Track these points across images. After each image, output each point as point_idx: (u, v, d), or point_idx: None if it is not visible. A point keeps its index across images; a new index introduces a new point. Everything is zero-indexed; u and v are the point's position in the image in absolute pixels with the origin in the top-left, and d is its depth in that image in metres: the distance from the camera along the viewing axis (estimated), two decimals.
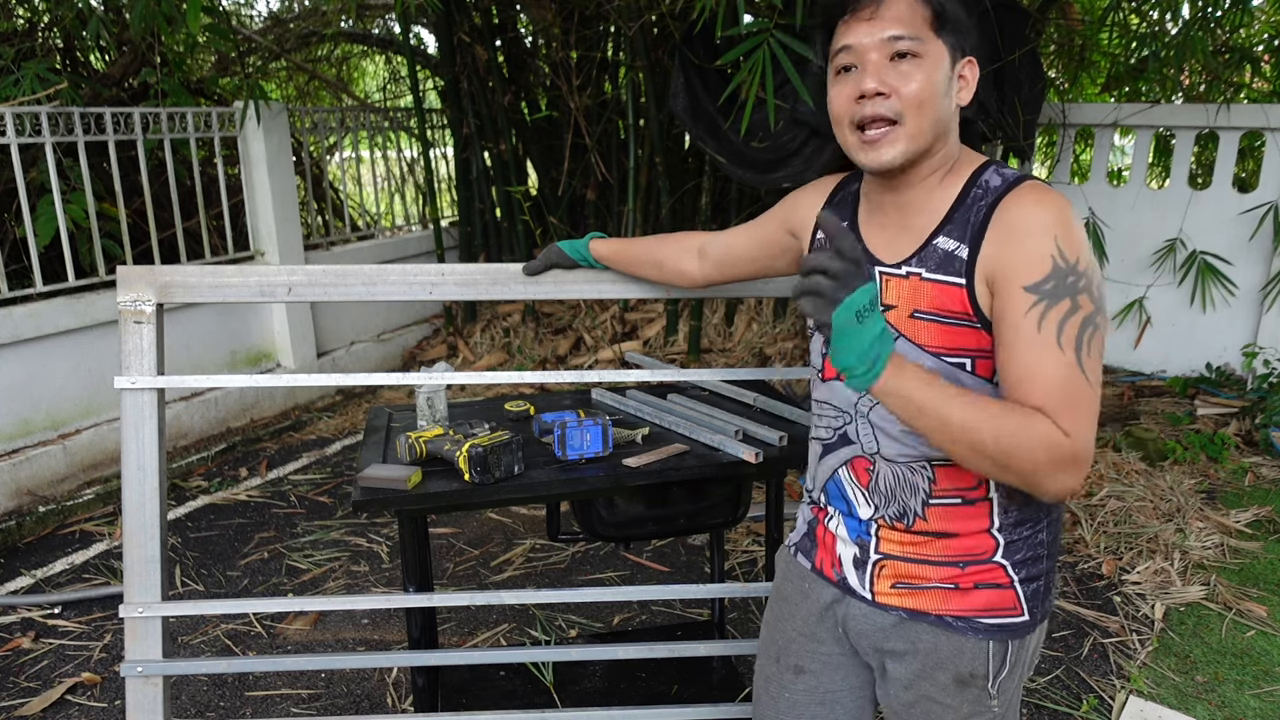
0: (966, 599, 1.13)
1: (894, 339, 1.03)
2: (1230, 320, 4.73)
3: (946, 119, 1.09)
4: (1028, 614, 1.14)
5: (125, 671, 1.66)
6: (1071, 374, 0.98)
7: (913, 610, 1.16)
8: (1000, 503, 1.12)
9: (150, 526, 1.64)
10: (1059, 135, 5.11)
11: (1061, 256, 1.00)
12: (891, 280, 1.12)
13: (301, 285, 1.66)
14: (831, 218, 0.97)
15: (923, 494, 1.13)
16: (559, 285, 1.72)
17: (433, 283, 1.69)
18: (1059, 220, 1.01)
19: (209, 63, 5.57)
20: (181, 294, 1.63)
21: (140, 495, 1.64)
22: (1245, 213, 4.58)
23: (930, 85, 1.06)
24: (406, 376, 1.71)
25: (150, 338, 1.62)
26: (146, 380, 1.61)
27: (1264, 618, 2.77)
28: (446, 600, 1.76)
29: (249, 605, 1.77)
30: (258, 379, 1.68)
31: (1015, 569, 1.13)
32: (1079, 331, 0.99)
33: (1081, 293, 1.00)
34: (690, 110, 4.27)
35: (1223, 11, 4.53)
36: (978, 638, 1.13)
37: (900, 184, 1.13)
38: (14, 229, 4.05)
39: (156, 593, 1.65)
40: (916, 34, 1.05)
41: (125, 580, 1.65)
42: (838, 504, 1.23)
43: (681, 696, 2.24)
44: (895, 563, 1.17)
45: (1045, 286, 1.00)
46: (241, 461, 4.13)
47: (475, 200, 5.53)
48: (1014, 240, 1.03)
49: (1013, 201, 1.04)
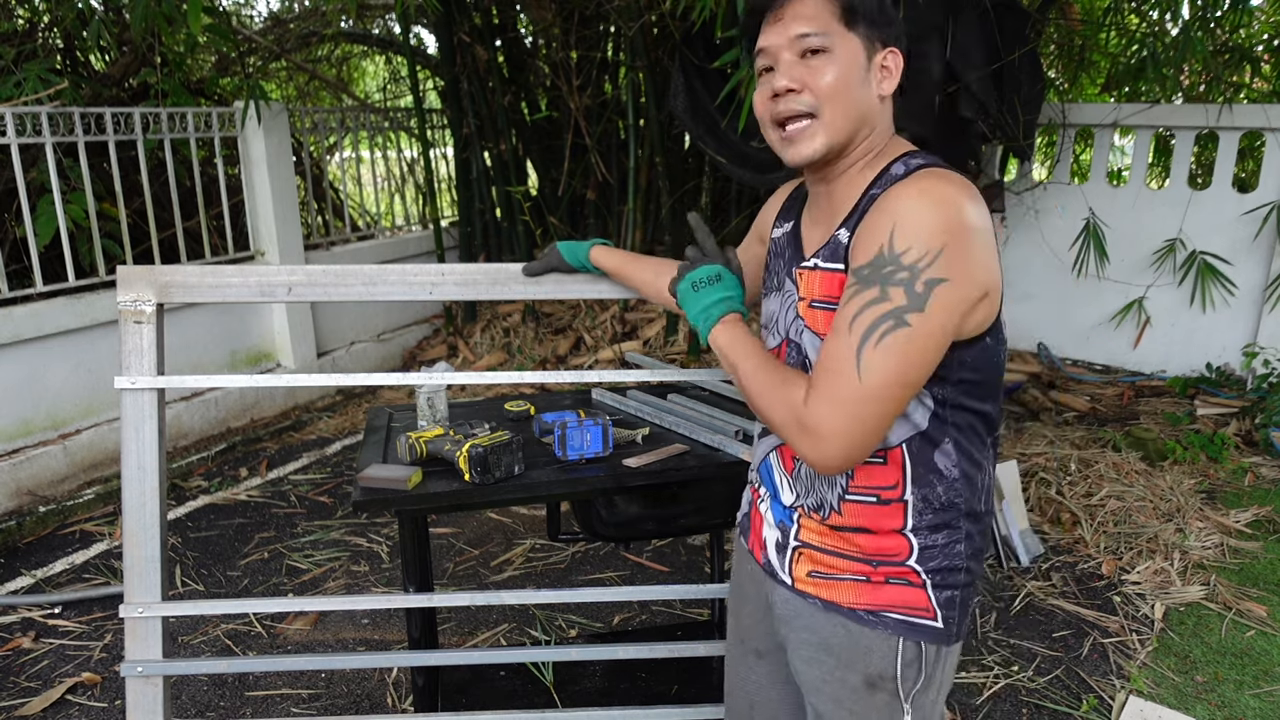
0: (878, 594, 1.13)
1: (729, 310, 1.18)
2: (1230, 320, 4.73)
3: (866, 110, 1.10)
4: (942, 622, 1.13)
5: (125, 671, 1.66)
6: (841, 356, 0.99)
7: (828, 601, 1.16)
8: (915, 505, 1.12)
9: (150, 526, 1.64)
10: (1059, 135, 5.11)
11: (889, 244, 0.99)
12: (803, 273, 1.16)
13: (302, 285, 1.66)
14: (697, 219, 1.25)
15: (839, 488, 1.14)
16: (559, 285, 1.72)
17: (433, 283, 1.69)
18: (912, 206, 1.00)
19: (209, 63, 5.57)
20: (182, 294, 1.64)
21: (140, 495, 1.64)
22: (1247, 214, 4.58)
23: (843, 78, 1.08)
24: (406, 376, 1.71)
25: (150, 338, 1.62)
26: (147, 380, 1.62)
27: (1264, 618, 2.77)
28: (446, 600, 1.76)
29: (249, 605, 1.76)
30: (257, 379, 1.68)
31: (929, 575, 1.12)
32: (874, 321, 0.98)
33: (894, 285, 0.98)
34: (690, 110, 4.27)
35: (1222, 11, 4.53)
36: (887, 633, 1.13)
37: (826, 176, 1.15)
38: (14, 229, 4.06)
39: (157, 593, 1.65)
40: (824, 29, 1.07)
41: (125, 580, 1.66)
42: (768, 485, 1.26)
43: (681, 696, 2.24)
44: (812, 552, 1.18)
45: (863, 271, 1.01)
46: (241, 461, 4.13)
47: (475, 200, 5.53)
48: (865, 225, 1.05)
49: (892, 189, 1.04)
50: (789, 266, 1.21)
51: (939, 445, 1.10)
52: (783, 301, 1.22)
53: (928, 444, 1.10)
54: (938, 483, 1.11)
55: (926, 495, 1.11)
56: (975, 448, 1.12)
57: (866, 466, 1.12)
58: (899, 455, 1.11)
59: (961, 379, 1.08)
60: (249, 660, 1.83)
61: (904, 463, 1.11)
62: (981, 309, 1.03)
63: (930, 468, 1.10)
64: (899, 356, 0.98)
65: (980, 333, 1.06)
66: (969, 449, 1.12)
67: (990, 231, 1.03)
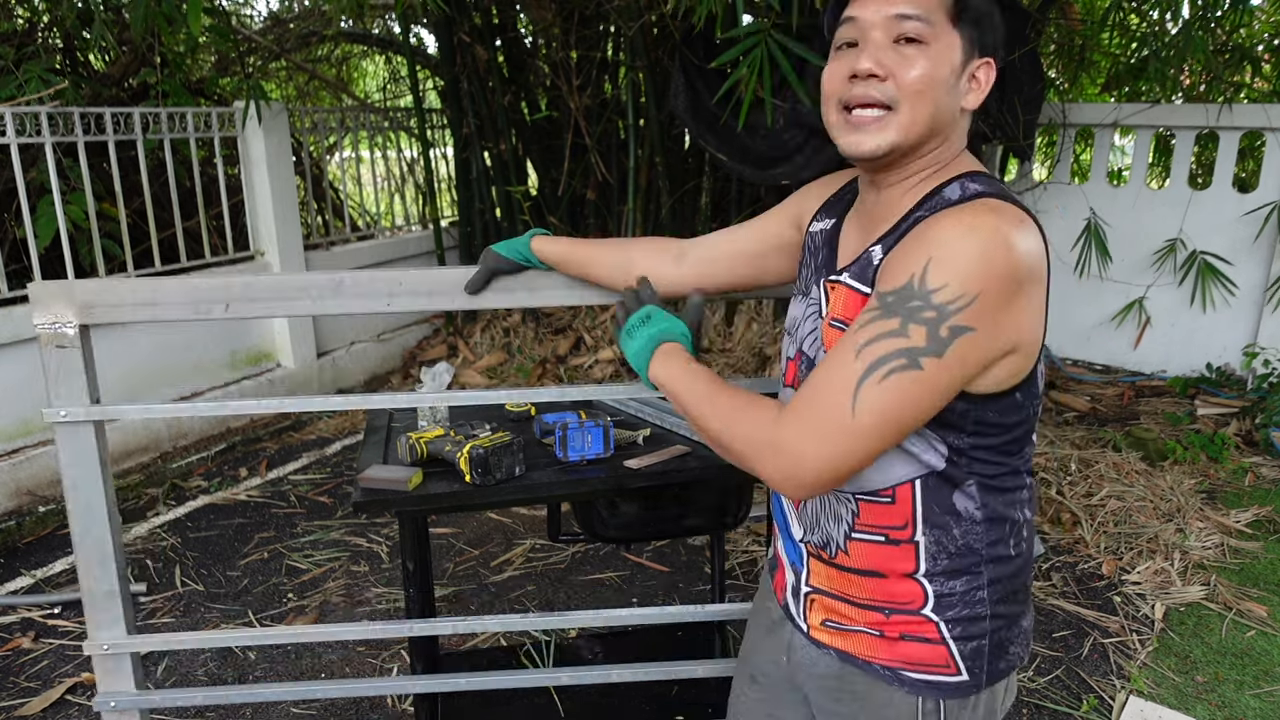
0: (894, 649, 1.06)
1: (658, 342, 1.13)
2: (1230, 320, 4.73)
3: (947, 118, 0.99)
4: (966, 674, 1.05)
5: (98, 707, 1.60)
6: (838, 383, 0.90)
7: (843, 652, 1.10)
8: (928, 548, 1.03)
9: (106, 561, 1.56)
10: (1059, 135, 5.11)
11: (922, 276, 0.89)
12: (834, 286, 1.06)
13: (240, 301, 1.51)
14: (634, 287, 1.26)
15: (845, 525, 1.07)
16: (532, 293, 1.55)
17: (389, 293, 1.54)
18: (957, 242, 0.89)
19: (209, 63, 5.57)
20: (106, 313, 1.48)
21: (91, 530, 1.55)
22: (1248, 214, 4.58)
23: (933, 75, 0.96)
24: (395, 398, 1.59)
25: (77, 363, 1.48)
26: (81, 412, 1.49)
27: (1264, 618, 2.77)
28: (441, 629, 1.74)
29: (225, 637, 1.69)
30: (199, 407, 1.58)
31: (949, 626, 1.04)
32: (886, 355, 0.89)
33: (917, 323, 0.88)
34: (690, 109, 4.27)
35: (1223, 11, 4.53)
36: (905, 690, 1.06)
37: (882, 181, 1.04)
38: (14, 229, 4.05)
39: (122, 627, 1.59)
40: (929, 17, 0.96)
41: (87, 616, 1.58)
42: (779, 519, 1.20)
43: (681, 697, 2.24)
44: (823, 598, 1.12)
45: (888, 298, 0.91)
46: (241, 461, 4.13)
47: (475, 200, 5.53)
48: (901, 248, 0.95)
49: (941, 216, 0.94)
50: (820, 273, 1.12)
51: (959, 486, 1.02)
52: (805, 310, 1.13)
53: (945, 483, 1.02)
54: (954, 525, 1.03)
55: (940, 539, 1.03)
56: (1003, 490, 1.04)
57: (872, 505, 1.05)
58: (907, 493, 1.03)
59: (981, 431, 0.99)
60: (230, 690, 1.74)
61: (914, 502, 1.03)
62: (1008, 364, 0.95)
63: (947, 509, 1.02)
64: (900, 397, 0.89)
65: (1007, 388, 0.97)
66: (995, 491, 1.03)
67: (1042, 272, 0.94)
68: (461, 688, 1.75)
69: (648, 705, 2.21)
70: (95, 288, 1.48)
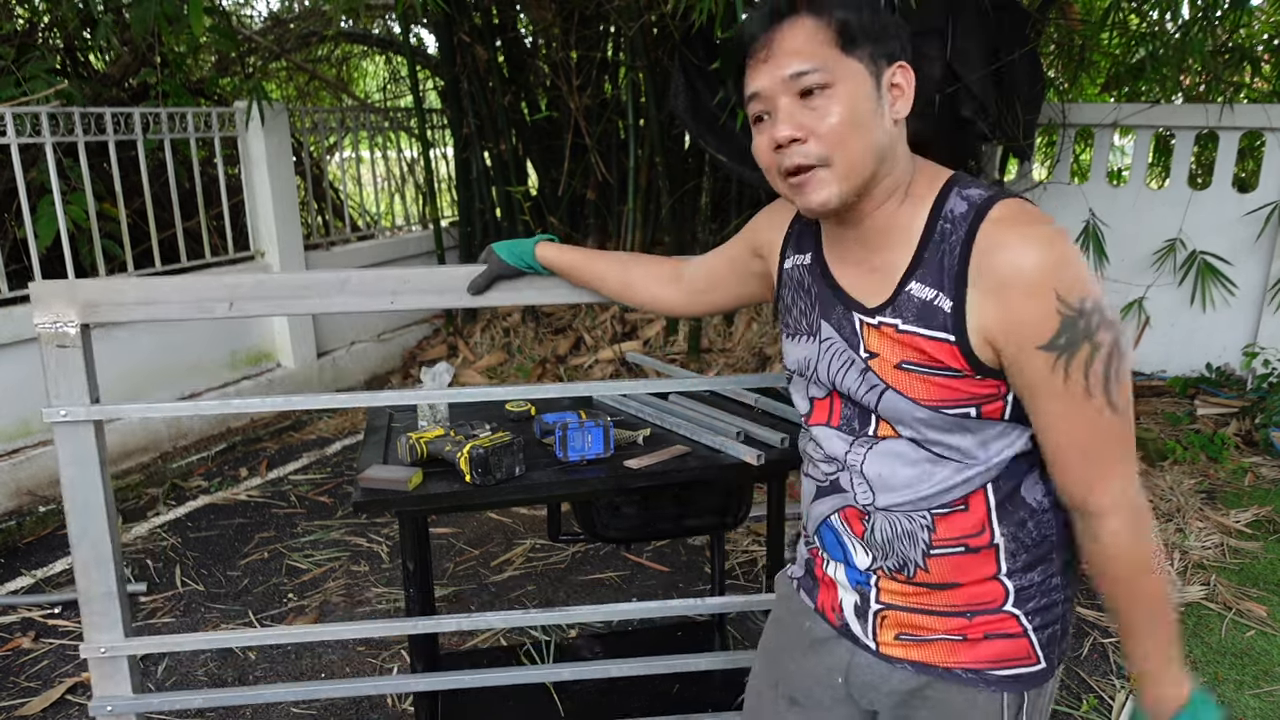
0: (976, 650, 1.06)
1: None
2: (1230, 320, 4.73)
3: (883, 142, 0.98)
4: (1044, 661, 1.08)
5: (94, 711, 1.59)
6: (1105, 418, 0.96)
7: (920, 663, 1.09)
8: (1007, 547, 1.04)
9: (104, 562, 1.55)
10: (1059, 135, 5.10)
11: (1066, 305, 0.92)
12: (870, 329, 1.03)
13: (245, 299, 1.51)
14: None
15: (922, 545, 1.06)
16: (540, 291, 1.57)
17: (393, 291, 1.54)
18: (1051, 258, 0.93)
19: (209, 63, 5.57)
20: (108, 313, 1.48)
21: (89, 531, 1.53)
22: (1249, 214, 4.58)
23: (850, 115, 0.96)
24: (389, 396, 1.67)
25: (78, 363, 1.48)
26: (81, 411, 1.49)
27: (1264, 618, 2.77)
28: (443, 626, 1.73)
29: (224, 638, 1.67)
30: (202, 406, 1.57)
31: (1029, 617, 1.06)
32: (1105, 369, 0.94)
33: (1097, 330, 0.93)
34: (690, 109, 4.27)
35: (1222, 11, 4.53)
36: (990, 690, 1.06)
37: (852, 219, 1.04)
38: (14, 229, 4.05)
39: (119, 629, 1.58)
40: (821, 62, 0.95)
41: (84, 619, 1.56)
42: (834, 552, 1.15)
43: (682, 695, 2.24)
44: (898, 613, 1.10)
45: (1059, 342, 0.93)
46: (241, 461, 4.13)
47: (475, 200, 5.53)
48: (1008, 298, 0.94)
49: (993, 243, 0.95)
50: (823, 311, 1.09)
51: (1024, 478, 1.04)
52: (821, 351, 1.10)
53: (1012, 479, 1.03)
54: (1028, 518, 1.04)
55: (1016, 534, 1.04)
56: None
57: (947, 517, 1.04)
58: (981, 499, 1.03)
59: None
60: (229, 692, 1.73)
61: (988, 505, 1.04)
62: None
63: (1018, 504, 1.04)
64: (1127, 376, 0.97)
65: None
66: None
67: None
68: (463, 684, 1.74)
69: (648, 703, 2.21)
70: (97, 287, 1.47)
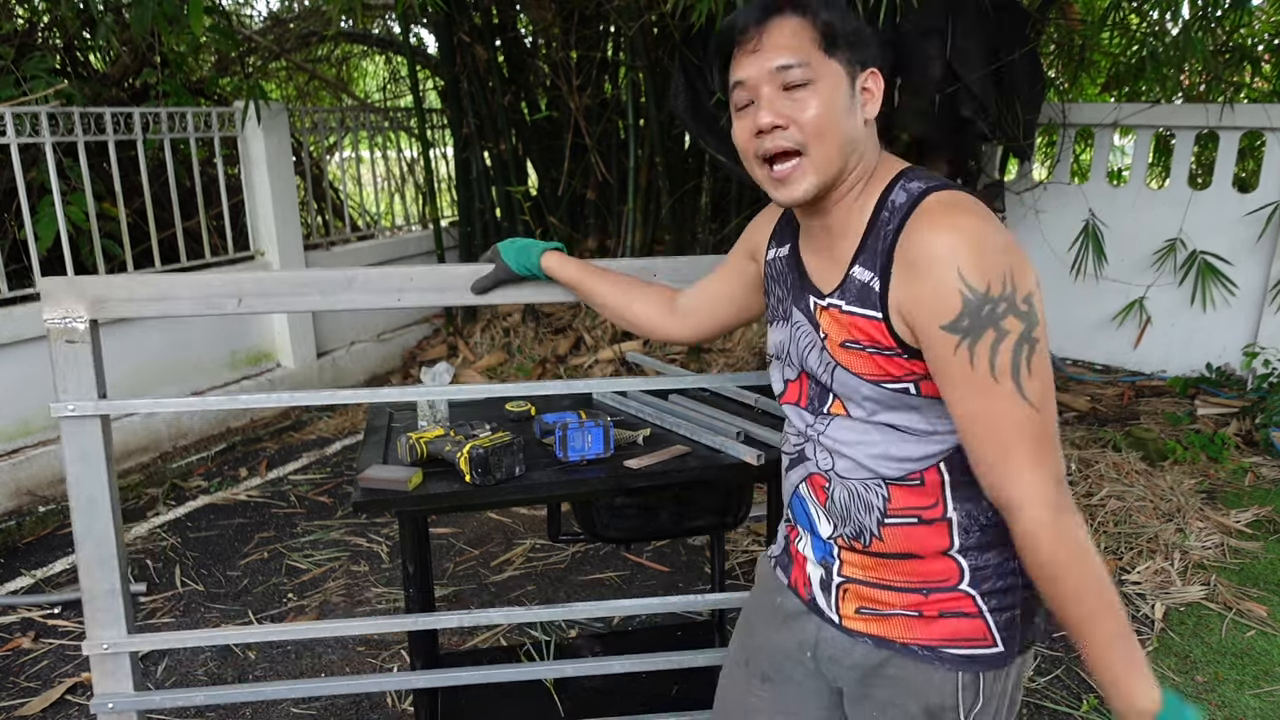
0: (932, 628, 1.10)
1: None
2: (1230, 320, 4.73)
3: (855, 138, 1.06)
4: (1001, 645, 1.09)
5: (95, 708, 1.59)
6: (1014, 407, 0.97)
7: (879, 637, 1.13)
8: (960, 522, 1.08)
9: (108, 559, 1.54)
10: (1059, 135, 5.11)
11: (969, 288, 0.96)
12: (823, 311, 1.11)
13: (252, 296, 1.52)
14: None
15: (877, 512, 1.10)
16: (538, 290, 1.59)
17: (399, 289, 1.55)
18: (960, 244, 0.97)
19: (209, 63, 5.57)
20: (118, 308, 1.49)
21: (93, 527, 1.53)
22: (1249, 214, 4.58)
23: (829, 109, 1.03)
24: (391, 393, 1.67)
25: (86, 358, 1.48)
26: (89, 405, 1.48)
27: (1264, 618, 2.77)
28: (444, 621, 1.72)
29: (224, 635, 1.68)
30: (209, 402, 1.59)
31: (985, 598, 1.09)
32: (1012, 357, 0.96)
33: (1004, 316, 0.96)
34: (690, 109, 4.28)
35: (1222, 11, 4.53)
36: (945, 668, 1.09)
37: (819, 210, 1.11)
38: (14, 229, 4.05)
39: (122, 626, 1.58)
40: (806, 59, 1.03)
41: (86, 616, 1.56)
42: (802, 521, 1.22)
43: (681, 694, 2.24)
44: (858, 586, 1.14)
45: (962, 324, 0.96)
46: (241, 461, 4.13)
47: (475, 200, 5.53)
48: (917, 278, 0.99)
49: (913, 228, 1.01)
50: (795, 296, 1.17)
51: None
52: (793, 333, 1.17)
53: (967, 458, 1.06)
54: (982, 497, 1.06)
55: (971, 511, 1.08)
56: None
57: (903, 488, 1.09)
58: (935, 474, 1.07)
59: None
60: (230, 690, 1.73)
61: (942, 480, 1.07)
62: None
63: (973, 482, 1.06)
64: (1043, 367, 0.98)
65: None
66: None
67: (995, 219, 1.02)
68: (463, 681, 1.74)
69: (647, 702, 2.21)
70: (106, 282, 1.48)
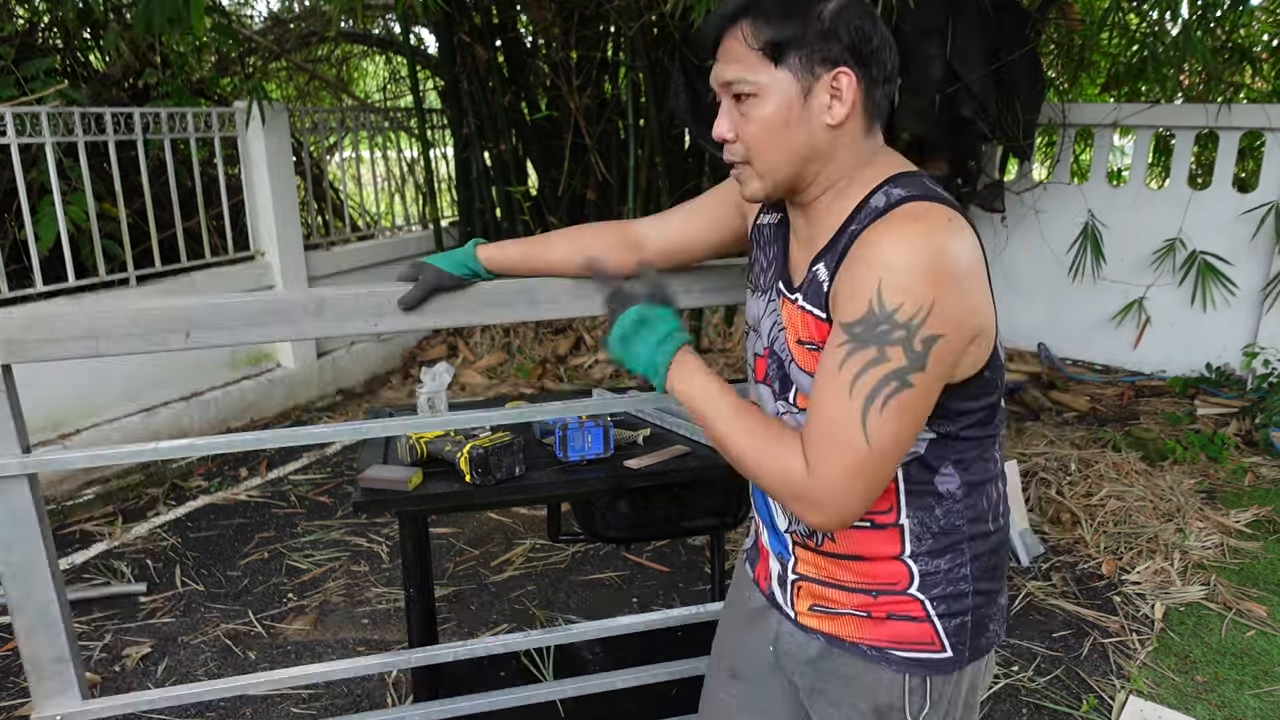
0: (880, 629, 1.10)
1: (674, 348, 1.12)
2: (1230, 320, 4.73)
3: (810, 146, 1.03)
4: (950, 650, 1.10)
5: None
6: (846, 421, 0.95)
7: (831, 635, 1.14)
8: (913, 529, 1.08)
9: (53, 624, 1.38)
10: (1059, 135, 5.11)
11: (879, 301, 0.93)
12: (788, 303, 1.11)
13: (203, 329, 1.29)
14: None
15: None
16: (447, 313, 1.44)
17: (377, 312, 1.40)
18: (898, 257, 0.93)
19: (210, 63, 5.57)
20: (36, 350, 1.25)
21: (30, 596, 1.36)
22: (1246, 213, 4.58)
23: (771, 123, 1.02)
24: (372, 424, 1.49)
25: (3, 412, 1.27)
26: (13, 464, 1.29)
27: (1264, 618, 2.77)
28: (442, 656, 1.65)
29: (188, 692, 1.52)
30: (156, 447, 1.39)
31: (934, 604, 1.09)
32: (876, 384, 0.94)
33: (893, 344, 0.93)
34: (690, 109, 4.28)
35: (1222, 11, 4.53)
36: (893, 669, 1.10)
37: (794, 203, 1.11)
38: (14, 230, 4.05)
39: (74, 693, 1.43)
40: (750, 73, 1.01)
41: (32, 686, 1.42)
42: (763, 513, 1.23)
43: (681, 696, 2.24)
44: (811, 584, 1.15)
45: (855, 329, 0.95)
46: (241, 461, 4.13)
47: (475, 200, 5.53)
48: (849, 273, 0.98)
49: (872, 229, 0.98)
50: (776, 273, 1.16)
51: (938, 470, 1.07)
52: (766, 309, 1.17)
53: (925, 469, 1.06)
54: (936, 505, 1.07)
55: (924, 519, 1.07)
56: (979, 466, 1.09)
57: None
58: (892, 481, 1.07)
59: (960, 413, 1.04)
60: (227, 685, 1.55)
61: (898, 487, 1.07)
62: (975, 349, 0.99)
63: (929, 491, 1.07)
64: (905, 416, 0.95)
65: (978, 370, 1.02)
66: (972, 468, 1.08)
67: (979, 261, 0.98)
68: (462, 711, 1.66)
69: (647, 705, 2.21)
70: (22, 320, 1.24)
